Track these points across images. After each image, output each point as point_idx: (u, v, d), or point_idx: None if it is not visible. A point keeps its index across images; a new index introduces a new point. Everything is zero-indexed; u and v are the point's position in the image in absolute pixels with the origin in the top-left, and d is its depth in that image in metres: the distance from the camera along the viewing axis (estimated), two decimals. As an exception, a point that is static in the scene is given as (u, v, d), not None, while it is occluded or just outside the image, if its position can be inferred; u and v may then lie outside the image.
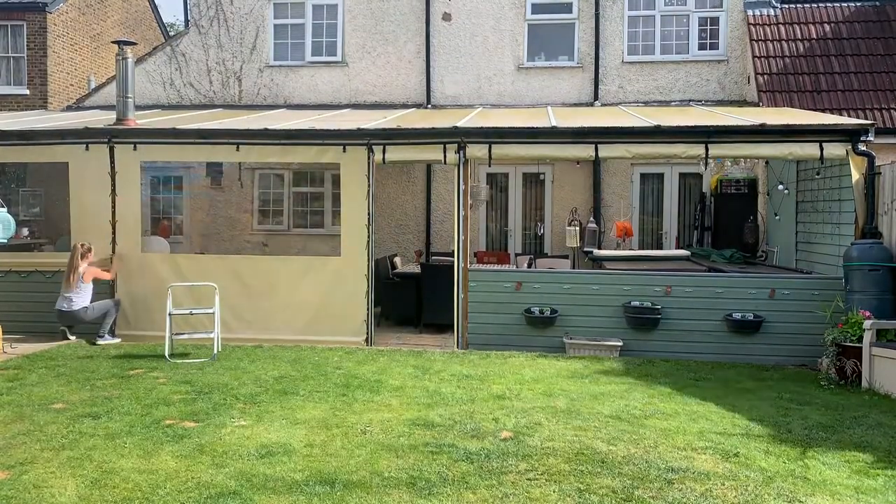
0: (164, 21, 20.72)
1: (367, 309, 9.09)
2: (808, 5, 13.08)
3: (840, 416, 6.09)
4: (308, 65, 14.08)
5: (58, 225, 11.99)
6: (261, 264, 9.55)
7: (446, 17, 13.71)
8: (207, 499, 4.13)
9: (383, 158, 9.18)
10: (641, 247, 12.99)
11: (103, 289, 9.36)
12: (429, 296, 10.10)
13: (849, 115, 11.20)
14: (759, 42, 12.60)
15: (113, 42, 10.91)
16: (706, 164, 8.98)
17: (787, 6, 13.05)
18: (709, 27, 13.32)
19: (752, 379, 7.55)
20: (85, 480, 4.39)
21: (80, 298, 9.02)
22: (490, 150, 9.03)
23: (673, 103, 13.06)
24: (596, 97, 13.35)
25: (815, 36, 12.69)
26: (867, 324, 7.27)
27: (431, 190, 13.62)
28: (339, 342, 8.96)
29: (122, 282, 9.41)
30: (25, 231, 12.27)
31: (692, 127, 8.90)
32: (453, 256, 9.33)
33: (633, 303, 8.72)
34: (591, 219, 12.75)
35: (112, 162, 9.45)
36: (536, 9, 13.64)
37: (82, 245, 9.13)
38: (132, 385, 6.74)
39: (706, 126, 8.90)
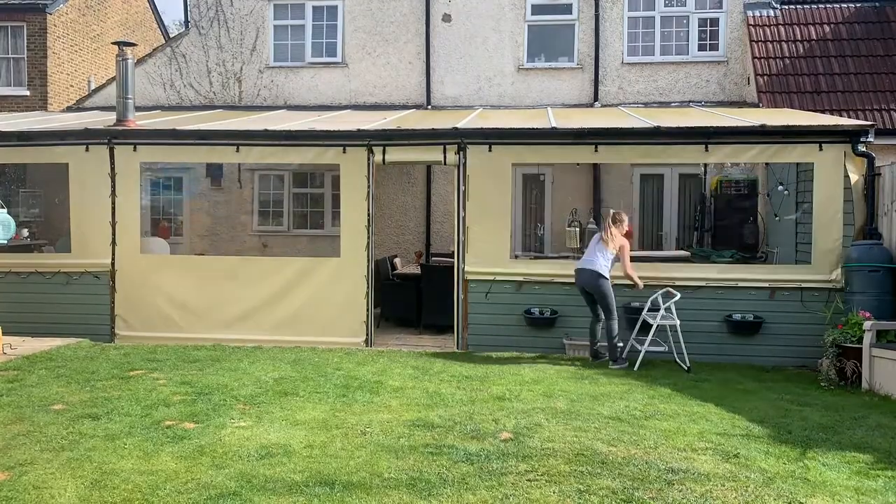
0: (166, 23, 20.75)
1: (367, 310, 9.08)
2: (807, 6, 13.08)
3: (840, 417, 6.08)
4: (308, 66, 14.08)
5: (58, 226, 12.00)
6: (260, 265, 9.54)
7: (446, 18, 13.72)
8: (207, 500, 4.13)
9: (383, 159, 9.18)
10: (641, 247, 12.98)
11: (97, 288, 9.35)
12: (429, 297, 10.10)
13: (848, 116, 11.19)
14: (759, 43, 12.60)
15: (113, 43, 10.91)
16: (706, 164, 8.97)
17: (786, 7, 13.06)
18: (708, 28, 13.31)
19: (752, 380, 7.55)
20: (85, 481, 4.39)
21: None
22: (490, 151, 9.03)
23: (673, 104, 13.06)
24: (596, 98, 13.35)
25: (814, 37, 12.69)
26: (867, 325, 7.27)
27: (431, 191, 13.62)
28: (339, 343, 8.95)
29: (122, 283, 9.40)
30: (25, 232, 12.27)
31: (692, 128, 8.90)
32: (453, 257, 9.33)
33: (633, 304, 8.71)
34: (591, 220, 12.73)
35: (112, 163, 9.44)
36: (536, 10, 13.64)
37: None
38: (132, 386, 6.74)
39: (706, 127, 8.90)
